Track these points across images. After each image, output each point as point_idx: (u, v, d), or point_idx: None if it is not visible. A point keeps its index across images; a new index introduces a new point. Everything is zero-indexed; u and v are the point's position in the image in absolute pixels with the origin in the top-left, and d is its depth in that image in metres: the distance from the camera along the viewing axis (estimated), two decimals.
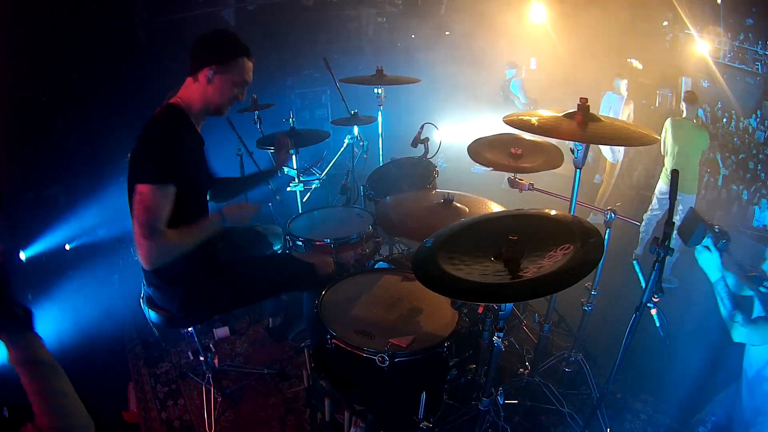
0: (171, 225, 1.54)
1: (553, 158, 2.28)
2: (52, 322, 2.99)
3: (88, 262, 3.54)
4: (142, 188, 1.49)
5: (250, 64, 1.69)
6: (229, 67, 1.63)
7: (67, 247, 3.61)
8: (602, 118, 1.75)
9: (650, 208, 3.82)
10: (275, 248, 2.35)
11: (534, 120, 1.76)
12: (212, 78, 1.62)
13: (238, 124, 2.99)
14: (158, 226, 1.49)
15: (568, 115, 1.74)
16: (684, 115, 3.59)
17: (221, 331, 2.88)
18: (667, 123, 3.61)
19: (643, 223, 3.81)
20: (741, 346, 1.83)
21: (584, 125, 1.68)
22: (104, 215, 3.79)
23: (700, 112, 4.45)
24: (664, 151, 3.68)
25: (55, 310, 3.14)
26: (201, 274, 1.76)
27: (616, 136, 1.71)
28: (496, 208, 2.25)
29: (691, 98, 3.57)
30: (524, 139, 2.38)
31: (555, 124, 1.73)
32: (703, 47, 4.60)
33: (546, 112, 1.85)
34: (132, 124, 1.78)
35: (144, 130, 1.59)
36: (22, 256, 3.24)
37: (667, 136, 3.60)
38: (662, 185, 3.72)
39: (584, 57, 5.54)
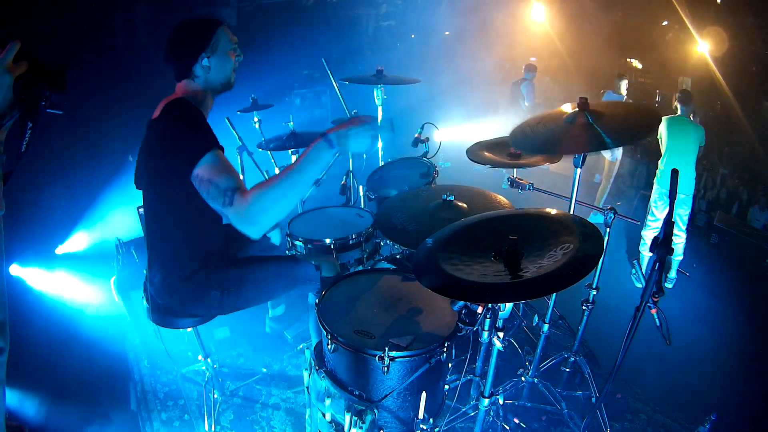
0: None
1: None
2: (53, 322, 2.99)
3: (87, 263, 3.55)
4: (198, 171, 1.42)
5: (226, 28, 1.68)
6: (217, 45, 1.64)
7: (65, 250, 3.61)
8: (604, 111, 1.72)
9: (647, 222, 3.61)
10: (274, 242, 2.34)
11: (537, 132, 1.75)
12: (208, 65, 1.62)
13: (237, 124, 2.99)
14: (235, 185, 1.39)
15: (570, 119, 1.72)
16: (678, 113, 3.58)
17: (221, 331, 2.89)
18: (662, 122, 3.57)
19: (643, 242, 3.66)
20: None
21: (588, 127, 1.66)
22: (103, 216, 3.80)
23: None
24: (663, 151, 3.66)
25: (56, 310, 3.15)
26: (205, 273, 1.76)
27: (622, 130, 1.68)
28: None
29: (685, 97, 3.56)
30: None
31: (559, 133, 1.71)
32: (703, 47, 4.60)
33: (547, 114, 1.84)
34: (132, 124, 1.77)
35: (161, 123, 1.55)
36: (14, 268, 3.22)
37: (663, 135, 3.58)
38: (658, 187, 3.57)
39: (584, 56, 5.54)
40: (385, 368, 1.48)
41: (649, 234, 3.63)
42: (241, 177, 2.14)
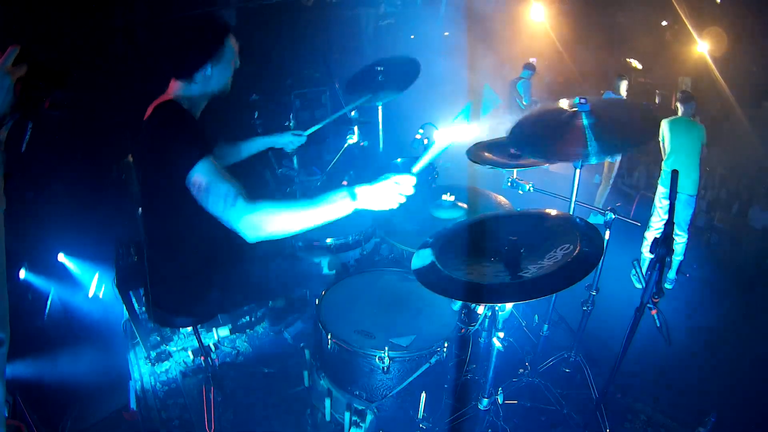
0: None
1: None
2: (53, 321, 2.99)
3: (87, 263, 3.55)
4: (193, 179, 1.41)
5: (232, 36, 1.65)
6: (223, 54, 1.61)
7: (65, 250, 3.61)
8: (602, 114, 1.72)
9: (650, 223, 3.64)
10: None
11: (536, 132, 1.75)
12: (212, 73, 1.60)
13: (237, 124, 2.99)
14: (237, 190, 1.39)
15: (569, 120, 1.71)
16: (679, 113, 3.58)
17: (221, 331, 2.89)
18: (663, 124, 3.58)
19: (645, 242, 3.68)
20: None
21: (586, 132, 1.65)
22: (103, 217, 3.80)
23: None
24: (664, 153, 3.66)
25: (54, 311, 3.15)
26: (205, 273, 1.76)
27: (621, 136, 1.68)
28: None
29: (685, 97, 3.57)
30: None
31: (557, 137, 1.69)
32: (703, 47, 4.60)
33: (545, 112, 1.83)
34: (132, 124, 1.77)
35: (152, 128, 1.53)
36: (22, 274, 3.22)
37: (665, 137, 3.59)
38: (662, 188, 3.61)
39: (584, 56, 5.54)
40: (385, 368, 1.48)
41: (651, 235, 3.63)
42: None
